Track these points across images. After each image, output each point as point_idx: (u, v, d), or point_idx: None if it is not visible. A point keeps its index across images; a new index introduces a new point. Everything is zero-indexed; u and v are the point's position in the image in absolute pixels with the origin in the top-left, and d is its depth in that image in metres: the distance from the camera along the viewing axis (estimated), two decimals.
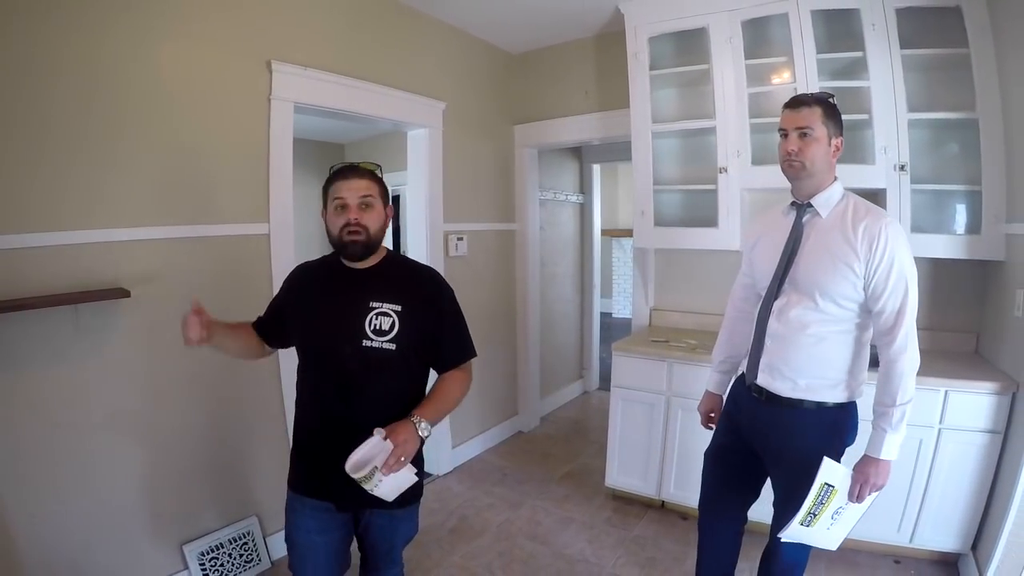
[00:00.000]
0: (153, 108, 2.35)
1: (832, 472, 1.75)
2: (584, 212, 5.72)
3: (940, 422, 2.57)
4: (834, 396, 1.83)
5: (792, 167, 1.84)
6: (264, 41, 2.72)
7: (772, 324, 1.91)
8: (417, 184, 3.82)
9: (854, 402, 1.88)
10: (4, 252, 1.98)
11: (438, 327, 1.76)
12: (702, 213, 3.36)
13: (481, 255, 4.26)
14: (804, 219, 1.88)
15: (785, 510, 1.87)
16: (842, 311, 1.78)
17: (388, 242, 7.35)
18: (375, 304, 1.69)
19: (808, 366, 1.83)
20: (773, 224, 2.00)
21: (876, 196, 2.90)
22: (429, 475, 3.87)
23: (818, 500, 1.75)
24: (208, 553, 2.58)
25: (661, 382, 3.21)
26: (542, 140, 4.44)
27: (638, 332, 3.88)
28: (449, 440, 3.98)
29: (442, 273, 3.75)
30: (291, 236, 2.90)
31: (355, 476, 1.48)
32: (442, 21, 3.75)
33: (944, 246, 2.77)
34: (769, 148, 2.43)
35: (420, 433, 1.59)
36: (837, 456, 1.82)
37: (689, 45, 3.27)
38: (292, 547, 1.80)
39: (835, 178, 1.88)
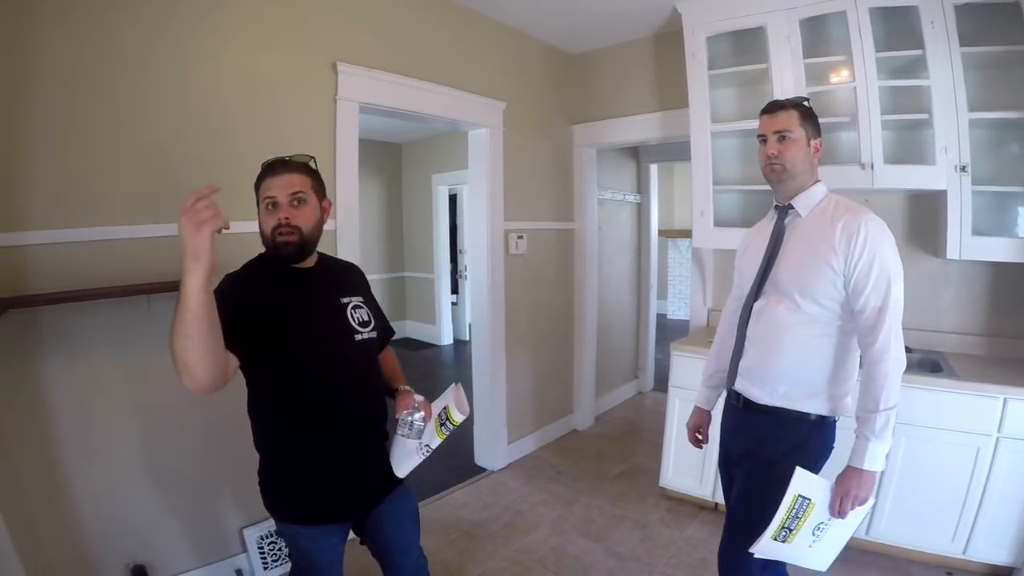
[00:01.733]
0: (224, 107, 2.48)
1: (806, 483, 1.61)
2: (641, 212, 5.70)
3: (998, 430, 2.48)
4: (814, 407, 1.74)
5: (773, 171, 1.80)
6: (329, 43, 2.84)
7: (751, 327, 1.85)
8: (478, 183, 3.90)
9: (834, 421, 1.79)
10: (85, 244, 2.14)
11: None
12: (761, 213, 3.29)
13: (540, 254, 4.32)
14: (785, 220, 1.83)
15: (743, 516, 1.82)
16: (823, 311, 1.71)
17: (444, 240, 7.45)
18: (345, 299, 1.71)
19: (788, 371, 1.76)
20: (759, 230, 1.97)
21: (936, 197, 2.84)
22: (484, 470, 3.96)
23: (792, 513, 1.61)
24: (266, 537, 2.70)
25: None
26: (600, 140, 4.46)
27: (696, 332, 3.87)
28: (505, 436, 4.05)
29: (502, 271, 3.87)
30: (356, 232, 3.01)
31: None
32: (501, 22, 3.82)
33: (1005, 249, 2.67)
34: (827, 148, 2.40)
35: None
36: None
37: (747, 44, 3.24)
38: (322, 569, 1.71)
39: (817, 180, 1.83)
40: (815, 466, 1.72)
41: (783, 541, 1.63)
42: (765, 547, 1.64)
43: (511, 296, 4.03)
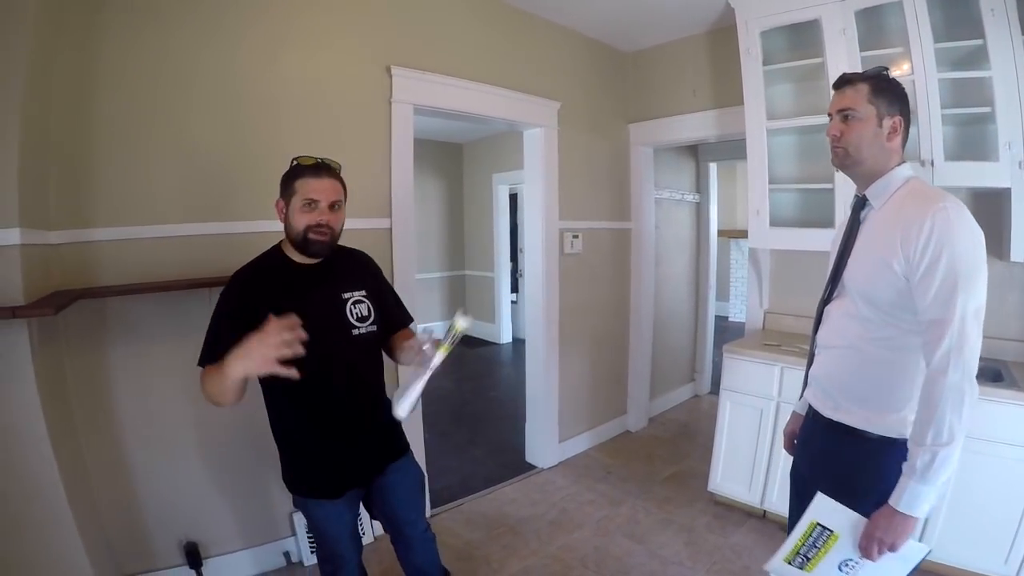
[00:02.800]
0: (278, 110, 2.58)
1: (826, 511, 1.45)
2: (700, 212, 5.60)
3: None
4: (880, 427, 1.51)
5: (836, 154, 1.60)
6: (383, 47, 2.92)
7: (821, 332, 1.69)
8: (533, 182, 3.93)
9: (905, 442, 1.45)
10: (148, 240, 2.29)
11: (386, 297, 1.94)
12: (819, 213, 3.22)
13: (596, 253, 4.31)
14: (861, 214, 1.62)
15: None
16: (888, 319, 1.48)
17: (504, 239, 7.51)
18: (346, 295, 1.80)
19: (852, 384, 1.57)
20: (841, 226, 1.79)
21: (1000, 196, 2.67)
22: (534, 467, 3.98)
23: (807, 541, 1.47)
24: None
25: (772, 387, 3.11)
26: (657, 138, 4.41)
27: (751, 335, 3.77)
28: (556, 434, 4.07)
29: (556, 270, 3.92)
30: (412, 230, 3.10)
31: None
32: (553, 22, 3.83)
33: None
34: None
35: None
36: (858, 501, 1.46)
37: (802, 38, 3.15)
38: (334, 538, 1.85)
39: (900, 163, 1.56)
40: (872, 493, 1.46)
41: (800, 567, 1.51)
42: (779, 568, 1.54)
43: (566, 295, 4.04)
